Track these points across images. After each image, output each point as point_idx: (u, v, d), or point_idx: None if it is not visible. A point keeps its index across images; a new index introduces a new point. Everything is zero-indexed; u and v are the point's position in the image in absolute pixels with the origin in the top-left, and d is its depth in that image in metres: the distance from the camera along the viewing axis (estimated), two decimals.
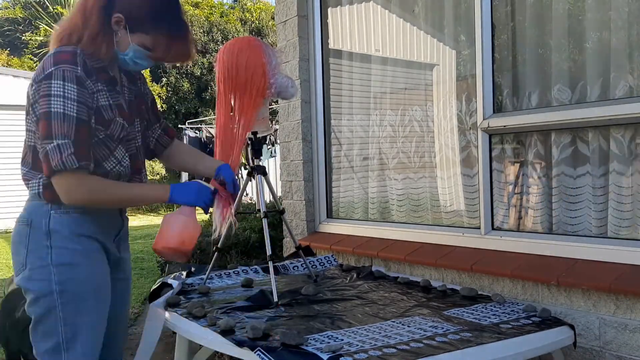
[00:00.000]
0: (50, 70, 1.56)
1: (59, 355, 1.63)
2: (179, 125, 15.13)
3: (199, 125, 12.78)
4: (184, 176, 12.24)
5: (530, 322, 1.87)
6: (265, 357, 1.57)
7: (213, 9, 18.96)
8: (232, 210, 2.07)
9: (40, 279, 1.62)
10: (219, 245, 2.50)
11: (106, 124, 1.67)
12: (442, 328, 1.78)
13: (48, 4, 17.12)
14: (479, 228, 2.56)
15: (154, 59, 1.72)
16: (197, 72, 17.42)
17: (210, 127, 12.15)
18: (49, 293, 1.62)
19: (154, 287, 2.44)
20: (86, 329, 1.66)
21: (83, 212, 1.67)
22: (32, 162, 1.66)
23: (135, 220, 13.39)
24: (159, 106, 18.17)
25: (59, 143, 1.54)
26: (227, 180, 1.91)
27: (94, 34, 1.61)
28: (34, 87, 1.57)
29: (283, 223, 3.49)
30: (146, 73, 16.29)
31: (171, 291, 2.32)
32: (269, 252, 2.27)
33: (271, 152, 10.46)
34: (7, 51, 17.70)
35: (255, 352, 1.60)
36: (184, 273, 2.67)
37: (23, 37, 18.43)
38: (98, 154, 1.67)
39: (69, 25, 1.65)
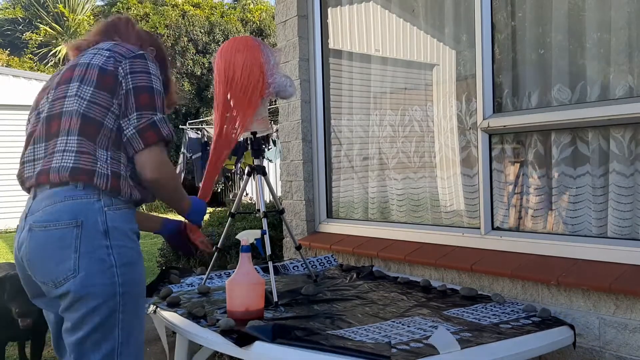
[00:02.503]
0: (141, 51, 1.68)
1: None
2: (180, 126, 15.11)
3: (200, 126, 12.77)
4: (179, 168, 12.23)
5: (530, 322, 1.87)
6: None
7: (214, 9, 18.95)
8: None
9: (104, 283, 1.49)
10: (219, 245, 2.50)
11: None
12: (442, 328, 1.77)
13: (49, 4, 17.11)
14: (479, 228, 2.56)
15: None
16: (198, 72, 17.42)
17: (211, 127, 12.15)
18: (113, 296, 1.50)
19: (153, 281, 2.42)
20: (137, 329, 1.58)
21: (130, 207, 1.63)
22: (91, 134, 1.57)
23: None
24: None
25: (162, 117, 1.63)
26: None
27: None
28: (124, 62, 1.62)
29: (283, 223, 3.49)
30: None
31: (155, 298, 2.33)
32: (268, 252, 2.27)
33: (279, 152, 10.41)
34: (7, 51, 17.72)
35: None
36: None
37: (23, 37, 18.43)
38: None
39: None
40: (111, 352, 1.51)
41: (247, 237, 2.01)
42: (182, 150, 13.13)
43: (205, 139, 11.71)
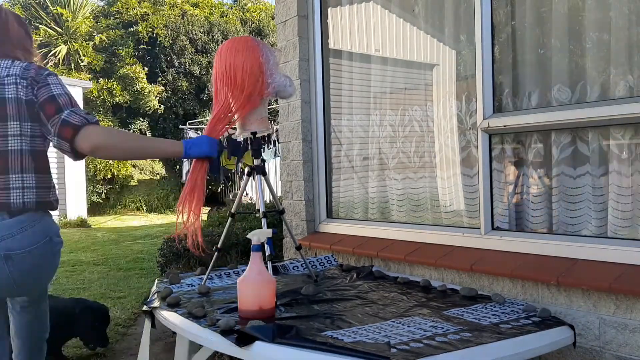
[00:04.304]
0: (46, 71, 1.86)
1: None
2: (180, 126, 15.12)
3: (199, 126, 12.78)
4: (185, 168, 12.19)
5: (530, 322, 1.87)
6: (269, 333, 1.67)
7: (213, 9, 18.95)
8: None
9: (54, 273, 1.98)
10: (219, 245, 2.50)
11: None
12: (442, 328, 1.78)
13: (48, 4, 17.10)
14: (479, 228, 2.56)
15: None
16: (196, 72, 17.41)
17: None
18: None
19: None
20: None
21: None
22: (44, 167, 1.87)
23: (135, 220, 13.38)
24: (157, 106, 17.99)
25: (70, 110, 1.77)
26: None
27: None
28: (37, 89, 1.79)
29: (283, 223, 3.49)
30: (143, 73, 16.26)
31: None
32: (267, 252, 2.27)
33: (275, 152, 10.45)
34: None
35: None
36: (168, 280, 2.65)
37: None
38: None
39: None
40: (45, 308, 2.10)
41: (258, 236, 1.99)
42: None
43: None
